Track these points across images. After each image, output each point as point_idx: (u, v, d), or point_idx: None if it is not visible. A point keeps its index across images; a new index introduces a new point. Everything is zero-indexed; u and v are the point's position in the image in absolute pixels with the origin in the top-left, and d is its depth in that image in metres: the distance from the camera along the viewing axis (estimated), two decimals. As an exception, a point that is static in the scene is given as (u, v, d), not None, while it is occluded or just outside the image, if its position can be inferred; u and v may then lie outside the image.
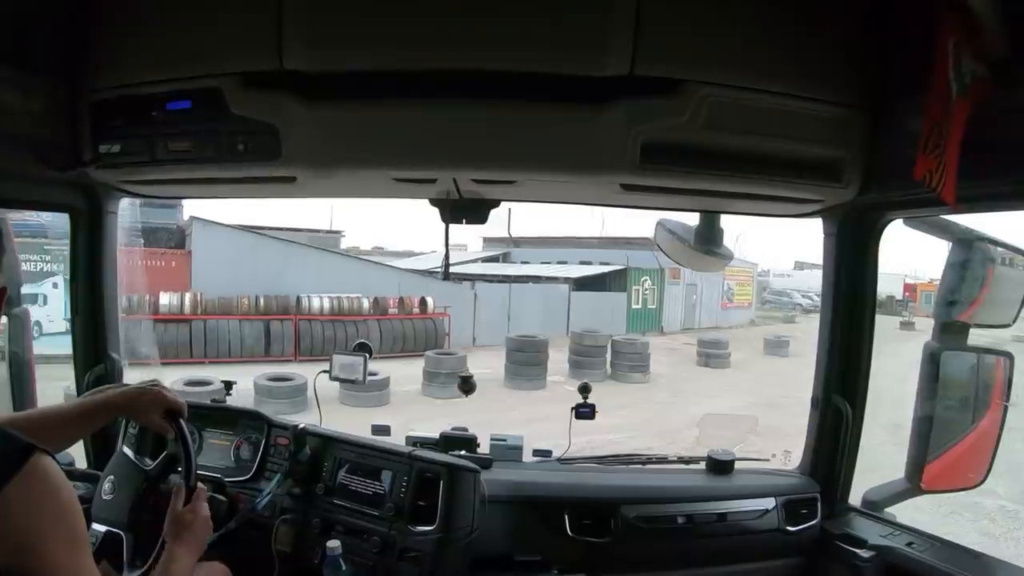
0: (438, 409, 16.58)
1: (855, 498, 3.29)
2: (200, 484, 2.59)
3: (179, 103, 2.36)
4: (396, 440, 3.32)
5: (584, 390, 3.47)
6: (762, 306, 39.92)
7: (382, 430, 3.53)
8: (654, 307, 32.74)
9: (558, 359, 22.30)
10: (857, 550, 2.98)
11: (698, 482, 3.36)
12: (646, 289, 32.20)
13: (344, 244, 34.65)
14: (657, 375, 22.82)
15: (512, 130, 2.27)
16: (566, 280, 30.34)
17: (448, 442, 3.35)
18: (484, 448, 3.42)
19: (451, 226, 3.09)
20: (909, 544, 2.91)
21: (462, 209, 2.90)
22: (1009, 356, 3.07)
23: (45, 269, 21.72)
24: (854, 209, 2.87)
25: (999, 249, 2.96)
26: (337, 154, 2.36)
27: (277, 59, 2.15)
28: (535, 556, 3.02)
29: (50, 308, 19.86)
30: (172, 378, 15.38)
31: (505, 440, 3.50)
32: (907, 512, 3.17)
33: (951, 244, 2.88)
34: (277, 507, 2.99)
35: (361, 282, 25.82)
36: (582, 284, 30.66)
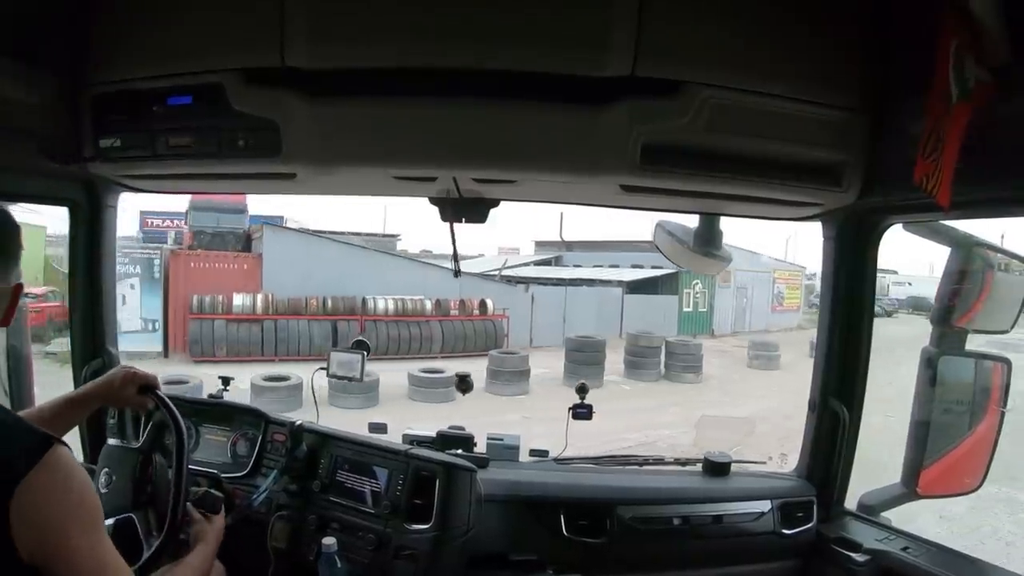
0: (503, 403, 17.68)
1: (851, 502, 3.29)
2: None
3: (180, 98, 2.35)
4: (393, 438, 3.32)
5: (581, 390, 3.48)
6: (809, 309, 39.67)
7: (379, 428, 3.53)
8: (705, 310, 32.87)
9: (613, 359, 22.70)
10: (852, 554, 2.98)
11: (694, 484, 3.36)
12: (697, 292, 32.34)
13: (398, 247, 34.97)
14: (708, 376, 23.26)
15: (513, 129, 2.26)
16: (619, 283, 30.57)
17: (445, 441, 3.35)
18: (481, 447, 3.42)
19: (501, 230, 3.10)
20: (904, 549, 2.92)
21: (462, 208, 2.89)
22: (1007, 362, 3.07)
23: (122, 271, 22.14)
24: (854, 213, 2.87)
25: (998, 255, 2.97)
26: (338, 151, 2.35)
27: (279, 55, 2.14)
28: (531, 555, 3.02)
29: (126, 309, 21.86)
30: (247, 374, 16.99)
31: (502, 439, 3.50)
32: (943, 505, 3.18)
33: (950, 249, 2.89)
34: (273, 504, 3.00)
35: (422, 284, 26.08)
36: (634, 287, 30.89)
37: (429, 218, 3.02)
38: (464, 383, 3.67)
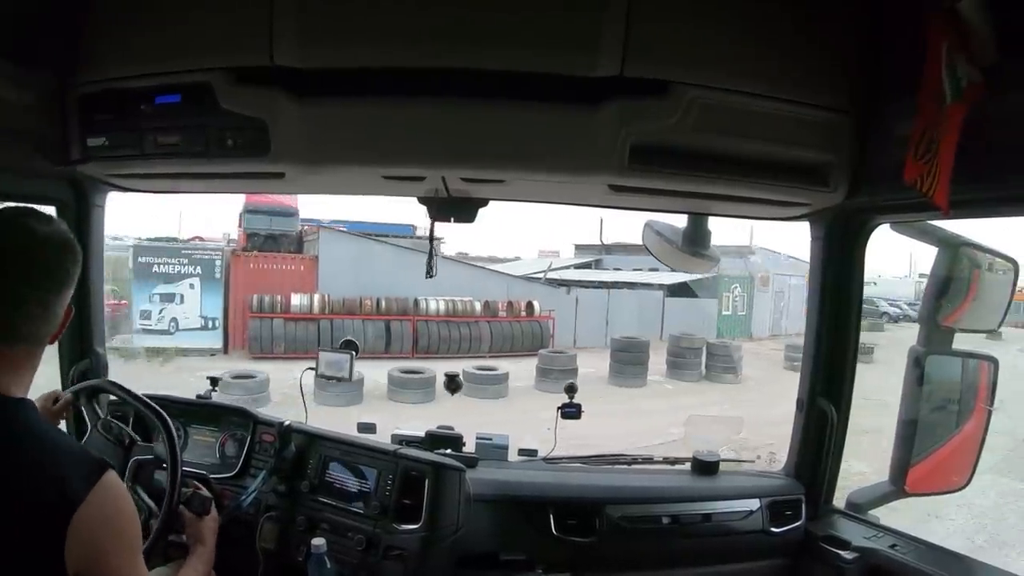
0: (552, 400, 17.24)
1: (840, 500, 3.30)
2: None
3: (168, 97, 2.34)
4: (382, 438, 3.32)
5: (570, 390, 3.49)
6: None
7: (368, 428, 3.53)
8: (744, 313, 32.96)
9: (655, 360, 23.24)
10: (841, 552, 2.99)
11: (683, 483, 3.37)
12: (736, 296, 32.49)
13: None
14: (747, 376, 23.61)
15: (501, 129, 2.26)
16: (660, 287, 30.85)
17: (434, 441, 3.35)
18: (470, 447, 3.42)
19: (542, 233, 3.10)
20: (892, 546, 2.92)
21: (450, 207, 2.90)
22: (994, 360, 3.09)
23: (182, 271, 24.05)
24: (841, 213, 2.87)
25: (985, 254, 2.98)
26: (326, 150, 2.34)
27: (268, 55, 2.14)
28: (520, 555, 3.01)
29: (186, 307, 23.95)
30: (300, 370, 17.30)
31: (491, 439, 3.50)
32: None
33: (937, 249, 2.90)
34: (262, 504, 2.99)
35: (469, 285, 26.93)
36: (675, 291, 31.20)
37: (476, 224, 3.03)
38: (453, 383, 3.67)
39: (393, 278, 25.26)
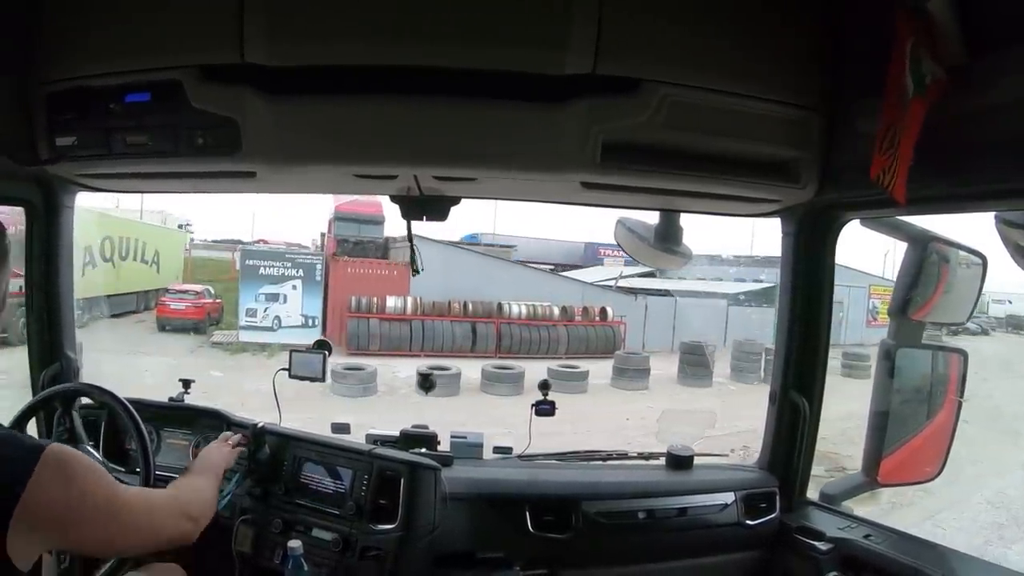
0: (627, 396, 20.45)
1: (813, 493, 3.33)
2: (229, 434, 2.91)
3: (138, 95, 2.31)
4: (356, 438, 3.31)
5: (544, 387, 3.49)
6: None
7: (342, 428, 3.51)
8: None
9: (719, 365, 24.26)
10: (815, 542, 3.02)
11: (658, 478, 3.38)
12: None
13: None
14: None
15: (473, 128, 2.26)
16: (724, 296, 31.59)
17: (408, 440, 3.34)
18: (444, 446, 3.41)
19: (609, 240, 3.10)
20: (866, 536, 2.96)
21: (423, 206, 2.88)
22: (963, 353, 3.12)
23: (286, 274, 25.85)
24: (812, 209, 2.90)
25: (952, 249, 3.01)
26: (297, 149, 2.32)
27: (238, 52, 2.11)
28: (497, 553, 3.02)
29: (288, 306, 25.65)
30: (401, 364, 20.78)
31: (465, 437, 3.50)
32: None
33: (906, 244, 2.92)
34: (237, 507, 2.97)
35: (550, 292, 28.98)
36: (737, 299, 31.83)
37: (536, 227, 3.05)
38: (426, 381, 3.67)
39: (478, 283, 27.45)
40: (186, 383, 3.49)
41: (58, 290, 3.22)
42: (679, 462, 3.41)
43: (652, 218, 3.22)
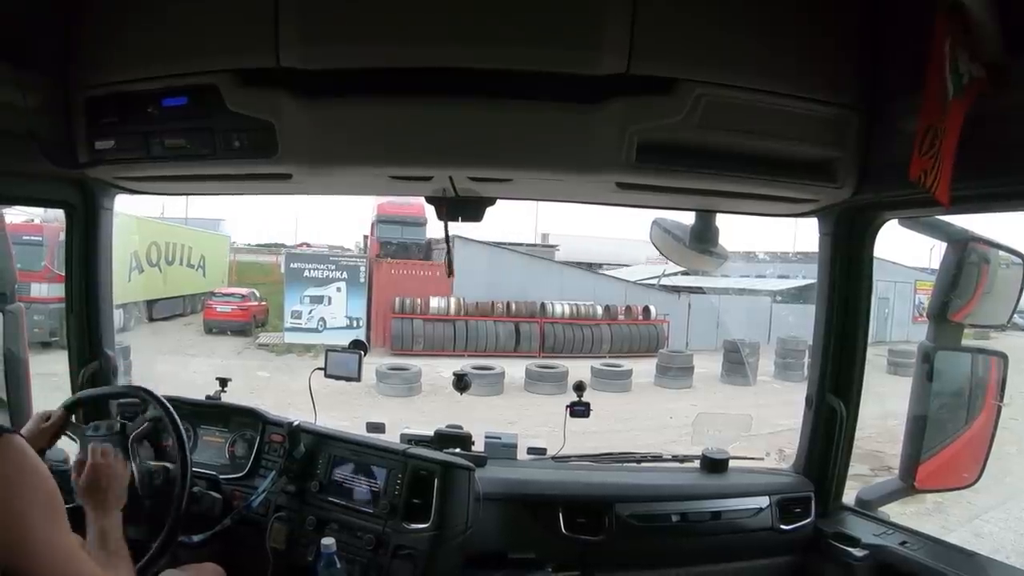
0: (672, 395, 20.22)
1: (849, 498, 3.30)
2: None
3: (174, 99, 2.35)
4: (391, 437, 3.32)
5: (579, 388, 3.48)
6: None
7: (376, 427, 3.53)
8: None
9: (764, 362, 24.25)
10: (851, 549, 2.99)
11: (692, 480, 3.37)
12: None
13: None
14: None
15: (508, 128, 2.26)
16: (768, 293, 31.28)
17: (442, 440, 3.35)
18: (479, 446, 3.42)
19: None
20: (903, 543, 2.92)
21: (458, 207, 2.89)
22: (1003, 356, 3.07)
23: (330, 276, 25.92)
24: (849, 209, 2.87)
25: (993, 249, 2.97)
26: (333, 151, 2.35)
27: (273, 56, 2.14)
28: (529, 554, 3.02)
29: (333, 308, 25.76)
30: (444, 364, 19.71)
31: (499, 438, 3.50)
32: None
33: (946, 244, 2.89)
34: (271, 505, 2.99)
35: (591, 290, 28.63)
36: (781, 297, 31.42)
37: (585, 228, 3.06)
38: (461, 382, 3.67)
39: (521, 283, 27.24)
40: (223, 381, 3.52)
41: (97, 290, 3.27)
42: (714, 465, 3.39)
43: (688, 218, 3.20)
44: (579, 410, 3.44)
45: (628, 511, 3.09)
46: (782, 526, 3.19)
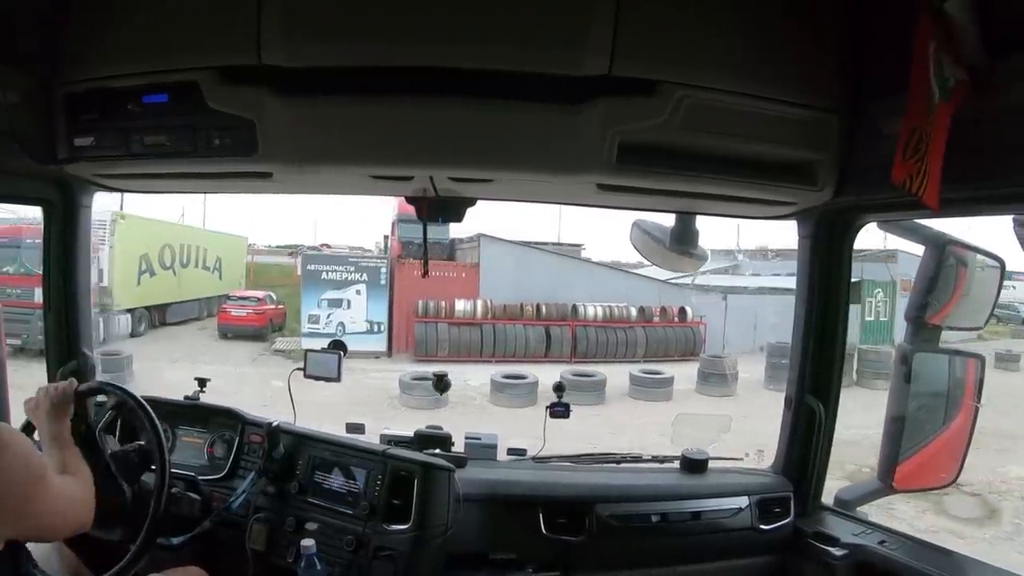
0: (716, 404, 19.24)
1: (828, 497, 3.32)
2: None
3: (155, 96, 2.32)
4: (370, 438, 3.31)
5: (558, 389, 3.50)
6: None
7: (356, 428, 3.52)
8: (886, 319, 31.46)
9: None
10: (830, 548, 3.01)
11: (672, 481, 3.37)
12: (878, 301, 31.30)
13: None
14: None
15: (490, 129, 2.26)
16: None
17: (422, 440, 3.35)
18: (459, 447, 3.42)
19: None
20: (881, 542, 2.95)
21: (439, 207, 2.89)
22: (980, 358, 3.11)
23: (349, 278, 25.23)
24: (828, 211, 2.89)
25: (970, 252, 2.99)
26: (314, 150, 2.34)
27: (255, 53, 2.12)
28: (510, 554, 3.02)
29: (352, 311, 25.01)
30: (470, 372, 19.51)
31: (480, 439, 3.51)
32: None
33: (924, 247, 2.91)
34: (251, 506, 2.98)
35: (623, 291, 27.35)
36: None
37: (614, 229, 3.05)
38: (441, 382, 3.67)
39: (550, 283, 26.28)
40: (202, 382, 3.50)
41: (75, 289, 3.24)
42: (693, 465, 3.40)
43: (668, 220, 3.21)
44: (559, 411, 3.45)
45: (608, 512, 3.10)
46: (762, 526, 3.21)
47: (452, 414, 17.05)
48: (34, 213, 3.18)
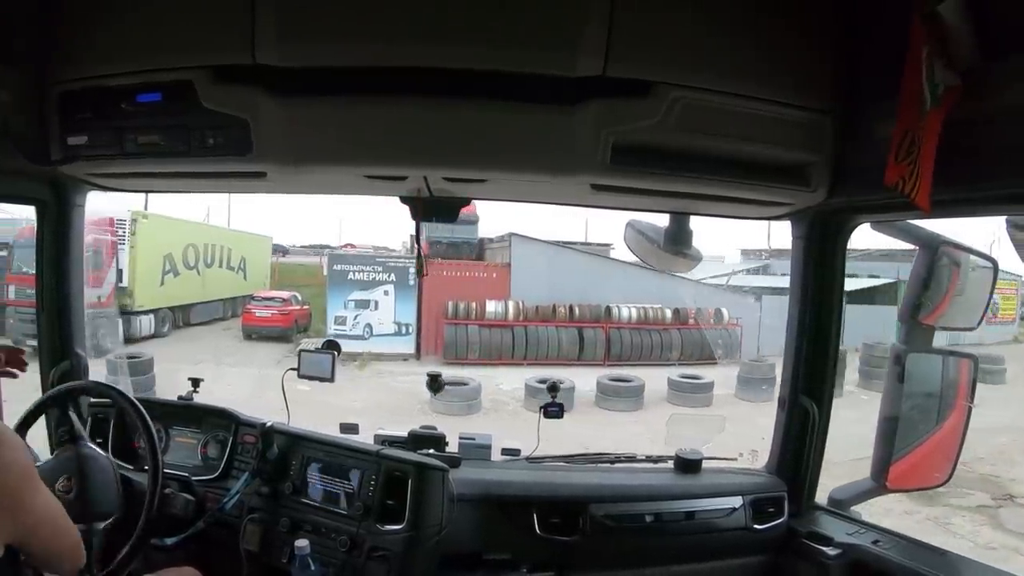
0: (757, 409, 17.57)
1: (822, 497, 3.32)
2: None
3: (149, 95, 2.31)
4: (365, 438, 3.31)
5: (552, 389, 3.50)
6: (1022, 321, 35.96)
7: (350, 428, 3.52)
8: None
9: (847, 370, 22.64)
10: (823, 548, 3.01)
11: (666, 481, 3.37)
12: None
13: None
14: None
15: (484, 129, 2.26)
16: (846, 293, 29.68)
17: (417, 440, 3.34)
18: (453, 447, 3.41)
19: (706, 239, 3.08)
20: (875, 542, 2.95)
21: (432, 207, 2.88)
22: (973, 358, 3.12)
23: (376, 279, 24.72)
24: (822, 212, 2.89)
25: (963, 253, 3.00)
26: (308, 150, 2.33)
27: (249, 53, 2.12)
28: (504, 555, 3.02)
29: (380, 313, 24.59)
30: (500, 378, 19.76)
31: (474, 439, 3.50)
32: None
33: (917, 248, 2.92)
34: (245, 506, 2.98)
35: (656, 292, 26.16)
36: (852, 297, 29.45)
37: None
38: (435, 383, 3.67)
39: (582, 284, 25.56)
40: (195, 381, 3.49)
41: (69, 289, 3.24)
42: (687, 465, 3.40)
43: (662, 220, 3.22)
44: (553, 411, 3.45)
45: (602, 512, 3.09)
46: (755, 526, 3.21)
47: (486, 421, 16.77)
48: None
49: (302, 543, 2.66)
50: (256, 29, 2.09)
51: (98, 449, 2.78)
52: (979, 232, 3.15)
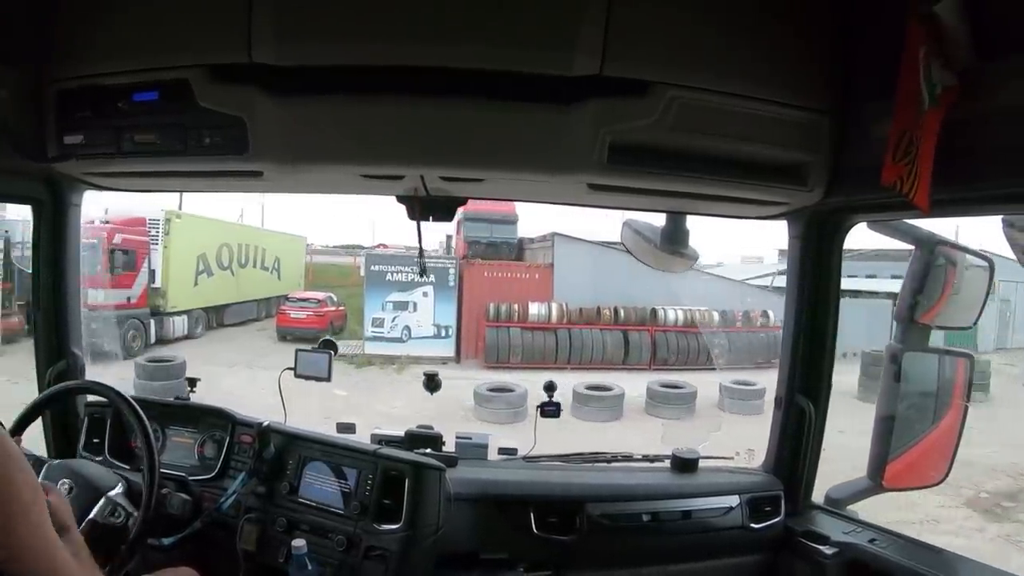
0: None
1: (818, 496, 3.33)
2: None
3: (146, 94, 2.32)
4: (361, 438, 3.30)
5: (549, 388, 3.50)
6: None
7: (347, 428, 3.51)
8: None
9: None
10: (820, 547, 3.02)
11: (663, 480, 3.37)
12: None
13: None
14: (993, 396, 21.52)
15: (481, 128, 2.26)
16: (887, 295, 27.80)
17: (413, 440, 3.34)
18: (449, 446, 3.42)
19: (743, 239, 3.07)
20: (871, 541, 2.96)
21: (429, 207, 2.88)
22: (969, 357, 3.13)
23: (415, 279, 24.04)
24: (819, 212, 2.90)
25: (959, 252, 3.01)
26: (305, 149, 2.33)
27: (246, 52, 2.12)
28: (501, 554, 3.02)
29: (419, 315, 24.31)
30: (542, 382, 17.02)
31: (470, 438, 3.50)
32: None
33: (913, 247, 2.92)
34: (242, 506, 2.97)
35: (703, 295, 25.76)
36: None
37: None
38: (432, 382, 3.67)
39: (626, 285, 24.61)
40: (192, 381, 3.50)
41: (65, 288, 3.23)
42: (684, 464, 3.40)
43: (659, 220, 3.22)
44: (550, 410, 3.45)
45: (599, 511, 3.09)
46: (752, 525, 3.21)
47: (531, 429, 16.16)
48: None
49: (299, 543, 2.66)
50: (253, 28, 2.09)
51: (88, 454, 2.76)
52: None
